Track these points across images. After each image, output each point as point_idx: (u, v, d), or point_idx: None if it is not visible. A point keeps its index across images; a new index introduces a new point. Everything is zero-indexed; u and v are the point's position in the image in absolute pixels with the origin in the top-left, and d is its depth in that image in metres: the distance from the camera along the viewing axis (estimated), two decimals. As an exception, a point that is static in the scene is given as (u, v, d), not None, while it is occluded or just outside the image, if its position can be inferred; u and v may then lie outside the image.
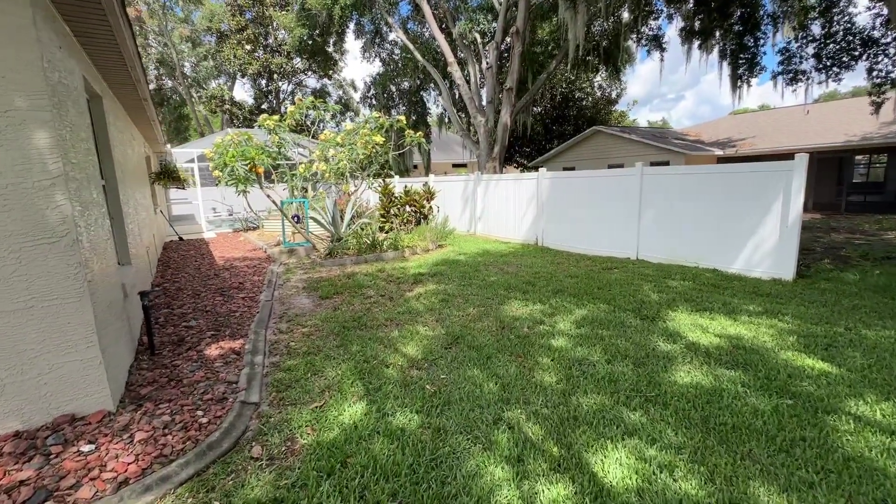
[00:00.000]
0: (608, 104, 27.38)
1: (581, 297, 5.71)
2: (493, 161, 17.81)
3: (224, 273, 7.47)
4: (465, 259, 8.73)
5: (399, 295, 6.08)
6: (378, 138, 10.99)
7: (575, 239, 9.57)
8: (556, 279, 6.84)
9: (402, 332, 4.52)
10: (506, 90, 17.23)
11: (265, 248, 9.77)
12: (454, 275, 7.28)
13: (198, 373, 3.48)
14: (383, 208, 11.36)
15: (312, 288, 6.59)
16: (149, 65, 26.47)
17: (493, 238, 11.81)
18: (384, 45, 24.89)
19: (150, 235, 7.59)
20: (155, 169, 11.23)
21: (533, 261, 8.47)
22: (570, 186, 9.63)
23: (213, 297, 5.75)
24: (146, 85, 5.33)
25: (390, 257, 9.03)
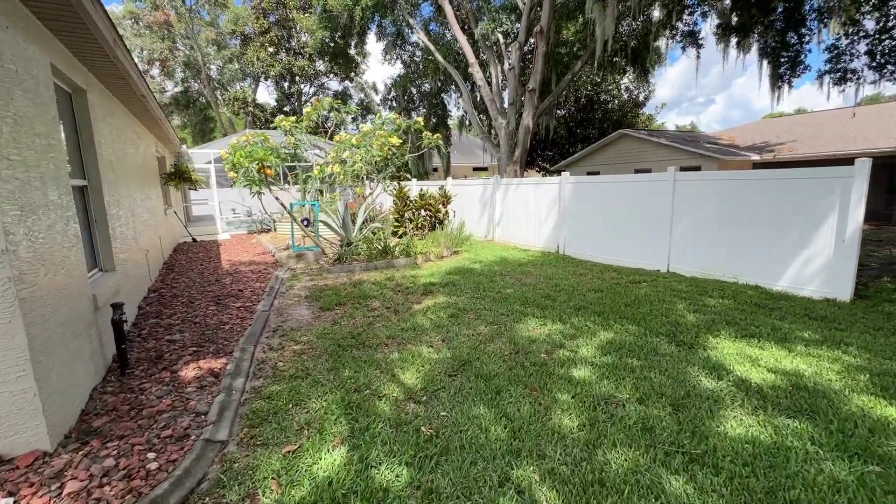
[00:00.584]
0: (635, 107, 26.43)
1: (606, 316, 5.11)
2: (513, 164, 17.23)
3: (226, 278, 7.14)
4: (480, 268, 8.20)
5: (405, 308, 5.60)
6: (394, 140, 10.61)
7: (599, 248, 8.92)
8: (578, 293, 6.24)
9: (402, 354, 4.03)
10: (528, 91, 16.64)
11: (274, 252, 9.46)
12: (467, 285, 6.76)
13: (165, 400, 3.06)
14: (397, 212, 10.94)
15: (315, 297, 6.17)
16: (175, 67, 26.96)
17: (512, 245, 11.24)
18: (405, 48, 24.64)
19: (153, 237, 7.34)
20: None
21: (553, 271, 7.88)
22: (595, 192, 9.00)
23: (206, 307, 5.38)
24: (141, 80, 5.02)
25: (402, 264, 8.57)
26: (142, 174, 7.14)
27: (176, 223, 11.57)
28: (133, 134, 6.81)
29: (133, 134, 6.81)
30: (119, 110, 5.80)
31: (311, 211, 10.15)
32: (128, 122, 6.38)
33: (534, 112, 16.92)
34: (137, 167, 6.78)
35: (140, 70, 4.84)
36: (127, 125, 6.26)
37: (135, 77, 4.63)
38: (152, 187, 8.24)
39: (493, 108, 17.82)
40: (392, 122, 11.33)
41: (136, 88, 5.05)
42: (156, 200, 8.54)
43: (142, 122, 7.71)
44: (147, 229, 6.84)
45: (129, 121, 6.57)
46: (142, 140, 7.63)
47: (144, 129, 8.15)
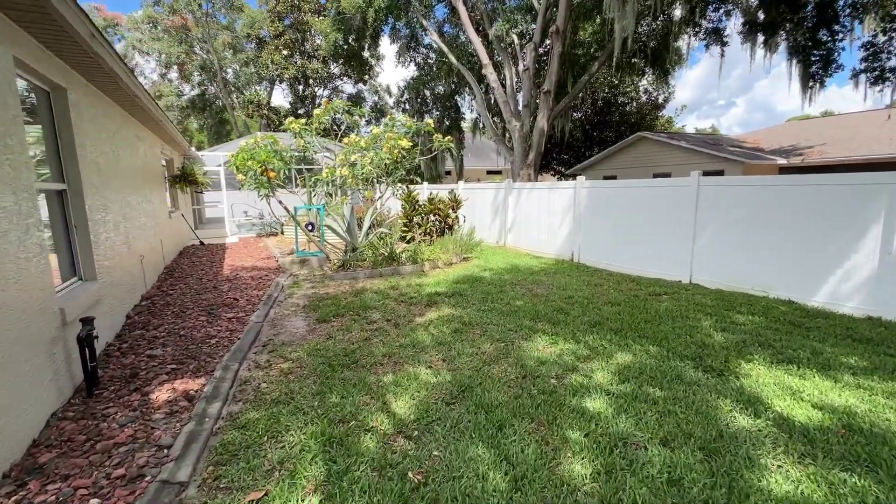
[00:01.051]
0: (654, 109, 25.72)
1: (624, 334, 4.67)
2: (527, 168, 16.80)
3: (224, 285, 6.89)
4: (489, 276, 7.80)
5: (407, 321, 5.24)
6: (404, 142, 10.32)
7: (616, 256, 8.45)
8: (593, 307, 5.80)
9: (398, 377, 3.66)
10: (543, 93, 16.21)
11: (278, 257, 9.21)
12: (475, 296, 6.38)
13: (127, 429, 2.76)
14: (405, 217, 10.62)
15: (313, 307, 5.86)
16: (192, 71, 27.23)
17: (524, 251, 10.81)
18: (419, 50, 24.43)
19: (153, 242, 7.13)
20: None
21: (567, 281, 7.44)
22: (613, 197, 8.53)
23: (197, 317, 5.10)
24: (132, 79, 4.78)
25: (408, 271, 8.23)
26: (141, 177, 6.95)
27: (183, 226, 11.44)
28: (132, 136, 6.62)
29: (132, 136, 6.62)
30: (114, 111, 5.59)
31: (316, 215, 9.89)
32: (125, 124, 6.18)
33: (549, 114, 16.47)
34: (135, 170, 6.58)
35: (129, 68, 4.60)
36: (124, 127, 6.06)
37: (122, 75, 4.39)
38: (154, 190, 8.07)
39: (506, 110, 17.43)
40: (402, 125, 11.05)
41: (127, 88, 4.82)
42: (159, 204, 8.38)
43: (144, 124, 7.54)
44: (144, 234, 6.63)
45: (127, 122, 6.38)
46: (143, 142, 7.45)
47: (147, 131, 7.98)
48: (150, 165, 8.02)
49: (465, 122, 26.00)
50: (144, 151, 7.57)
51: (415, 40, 24.13)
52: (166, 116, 7.44)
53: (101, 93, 5.07)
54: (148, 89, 28.49)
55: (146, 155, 7.71)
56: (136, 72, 26.32)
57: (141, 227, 6.43)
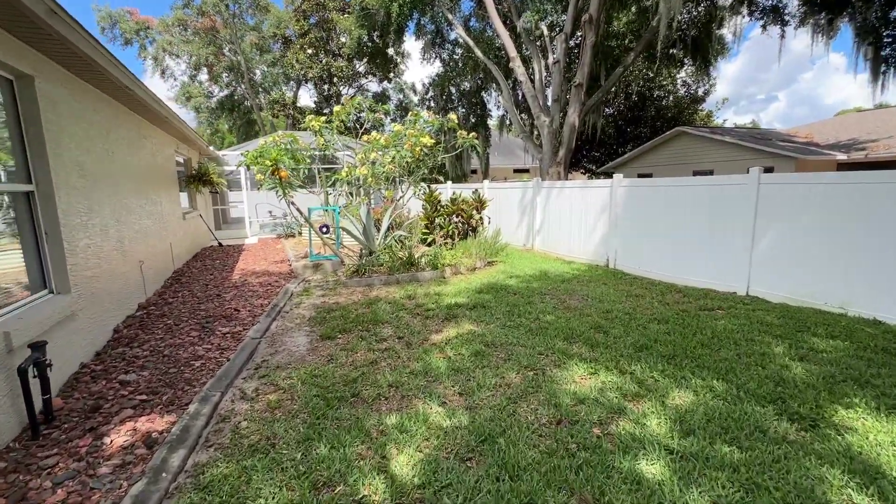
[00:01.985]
0: (693, 103, 24.24)
1: (679, 363, 3.89)
2: (557, 166, 15.91)
3: (229, 293, 6.43)
4: (515, 284, 7.09)
5: (421, 339, 4.60)
6: (426, 140, 9.73)
7: (657, 262, 7.57)
8: (636, 323, 5.02)
9: (403, 417, 3.02)
10: (574, 87, 15.29)
11: (291, 261, 8.76)
12: (499, 308, 5.68)
13: (61, 490, 2.22)
14: (426, 218, 10.00)
15: (320, 320, 5.30)
16: (221, 72, 27.48)
17: (554, 255, 10.02)
18: (444, 46, 23.82)
19: (159, 245, 6.75)
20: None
21: (603, 290, 6.65)
22: (655, 196, 7.65)
23: (189, 332, 4.61)
24: (117, 67, 4.32)
25: (427, 278, 7.60)
26: (144, 177, 6.58)
27: (201, 228, 11.19)
28: (135, 134, 6.24)
29: (135, 134, 6.24)
30: (107, 107, 5.17)
31: (332, 217, 9.40)
32: (124, 122, 5.79)
33: (580, 109, 15.54)
34: (137, 170, 6.20)
35: (114, 56, 4.13)
36: (122, 124, 5.67)
37: (101, 62, 3.92)
38: (164, 191, 7.73)
39: (535, 105, 16.56)
40: (425, 121, 10.48)
41: (113, 78, 4.36)
42: (169, 205, 8.05)
43: (152, 122, 7.19)
44: (146, 237, 6.25)
45: (128, 120, 5.99)
46: (150, 141, 7.09)
47: (157, 130, 7.64)
48: (160, 165, 7.68)
49: (491, 120, 25.23)
50: (152, 151, 7.22)
51: (440, 36, 23.54)
52: (174, 114, 7.06)
53: (90, 86, 4.65)
54: (178, 91, 29.19)
55: (155, 154, 7.37)
56: (166, 73, 26.82)
57: (141, 231, 6.04)
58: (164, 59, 26.40)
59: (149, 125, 7.11)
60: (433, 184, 16.13)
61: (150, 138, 7.08)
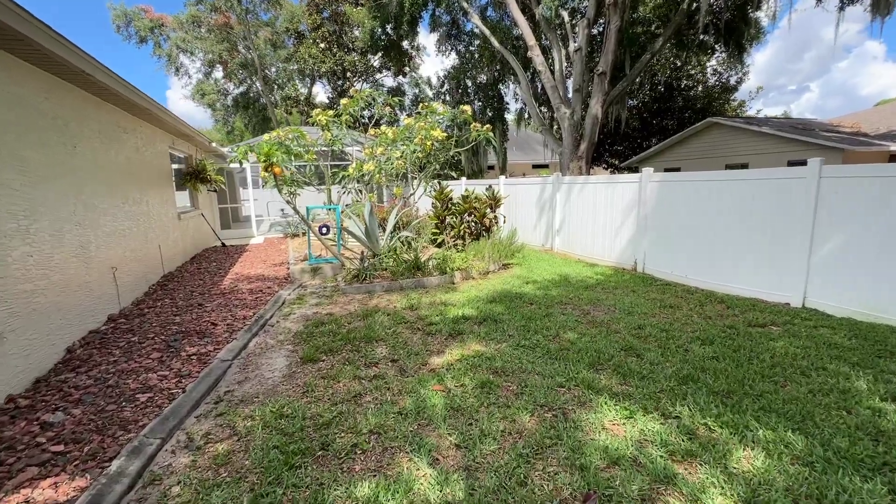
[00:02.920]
0: (724, 92, 22.84)
1: (737, 402, 3.08)
2: (578, 160, 14.98)
3: (213, 301, 5.84)
4: (532, 291, 6.32)
5: (418, 364, 3.89)
6: (437, 133, 9.03)
7: (693, 267, 6.69)
8: (675, 344, 4.21)
9: (379, 485, 2.31)
10: (598, 75, 14.32)
11: (291, 263, 8.16)
12: (512, 322, 4.94)
13: None
14: (436, 217, 9.28)
15: (306, 336, 4.64)
16: (234, 69, 27.24)
17: (575, 257, 9.18)
18: (460, 37, 23.02)
19: (136, 250, 6.21)
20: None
21: (632, 300, 5.83)
22: (691, 192, 6.76)
23: (149, 354, 4.00)
24: (63, 45, 3.71)
25: (434, 284, 6.89)
26: (123, 175, 6.03)
27: (203, 227, 10.73)
28: (108, 126, 5.68)
29: (108, 126, 5.68)
30: (65, 94, 4.59)
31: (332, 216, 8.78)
32: (91, 112, 5.22)
33: (603, 99, 14.56)
34: (112, 166, 5.65)
35: (55, 31, 3.52)
36: (88, 114, 5.10)
37: (37, 38, 3.30)
38: (152, 190, 7.21)
39: (555, 96, 15.62)
40: (435, 113, 9.77)
41: (58, 58, 3.74)
42: (160, 204, 7.54)
43: (136, 114, 6.64)
44: (124, 241, 5.70)
45: (97, 110, 5.43)
46: (133, 135, 6.55)
47: (142, 123, 7.10)
48: (147, 162, 7.16)
49: (509, 114, 24.31)
50: (137, 146, 6.69)
51: (456, 27, 22.75)
52: (159, 106, 6.51)
53: (40, 69, 4.07)
54: (192, 89, 29.06)
55: (140, 150, 6.84)
56: (180, 71, 26.71)
57: (116, 234, 5.49)
58: (178, 56, 26.29)
59: (131, 118, 6.57)
60: (445, 180, 15.41)
61: (133, 132, 6.55)
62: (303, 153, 8.20)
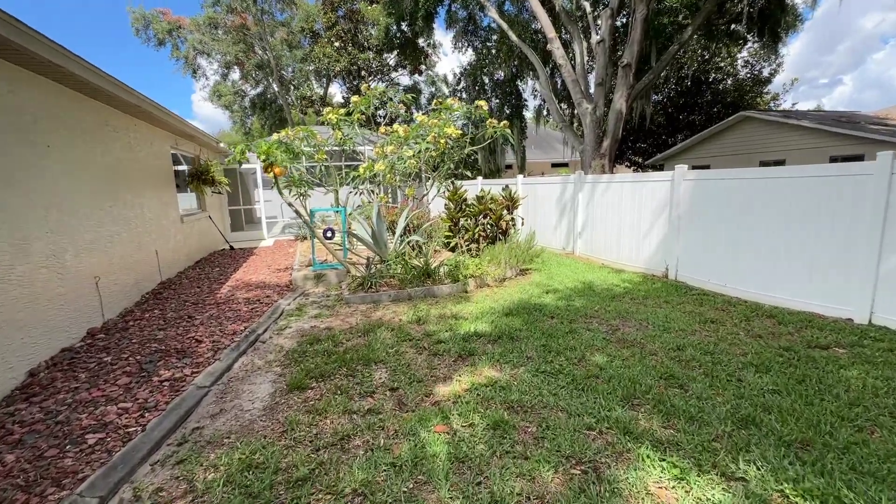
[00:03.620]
0: (756, 85, 21.63)
1: (819, 459, 2.43)
2: (601, 158, 14.21)
3: (205, 312, 5.40)
4: (553, 302, 5.70)
5: (421, 394, 3.34)
6: (451, 130, 8.49)
7: (735, 274, 5.96)
8: (725, 372, 3.55)
9: (356, 579, 1.77)
10: (622, 67, 13.53)
11: (295, 269, 7.71)
12: (531, 339, 4.35)
13: None
14: (449, 219, 8.72)
15: (299, 356, 4.14)
16: (251, 70, 27.21)
17: (599, 262, 8.51)
18: (477, 33, 22.41)
19: (125, 258, 5.82)
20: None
21: (667, 313, 5.17)
22: (732, 191, 6.03)
23: (117, 378, 3.54)
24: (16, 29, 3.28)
25: (445, 293, 6.33)
26: (112, 176, 5.66)
27: (210, 230, 10.41)
28: (93, 124, 5.30)
29: (93, 124, 5.30)
30: (32, 88, 4.18)
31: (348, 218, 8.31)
32: (71, 108, 4.83)
33: (628, 93, 13.76)
34: (97, 167, 5.26)
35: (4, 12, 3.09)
36: (66, 111, 4.70)
37: None
38: (149, 191, 6.85)
39: (576, 91, 14.87)
40: (448, 110, 9.24)
41: (15, 45, 3.32)
42: (158, 207, 7.19)
43: (133, 113, 6.28)
44: (110, 247, 5.31)
45: (79, 106, 5.04)
46: (123, 133, 6.18)
47: (136, 121, 6.73)
48: (143, 162, 6.80)
49: (527, 111, 23.57)
50: (130, 145, 6.32)
51: (472, 22, 22.15)
52: (154, 104, 6.12)
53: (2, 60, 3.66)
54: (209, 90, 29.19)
55: (134, 150, 6.47)
56: (197, 73, 26.81)
57: (101, 240, 5.10)
58: (195, 58, 26.38)
59: (124, 117, 6.20)
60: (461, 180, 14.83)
61: (125, 131, 6.17)
62: (310, 153, 7.75)
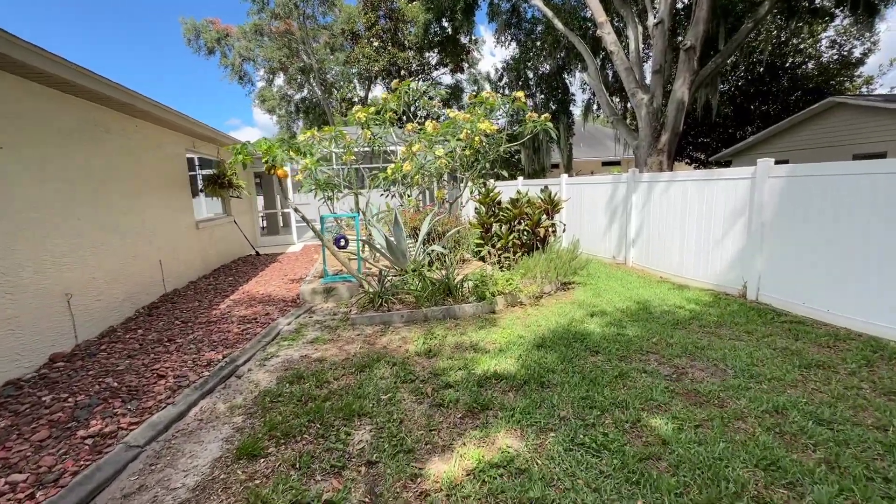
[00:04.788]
0: (844, 68, 18.89)
1: None
2: (658, 155, 12.65)
3: (190, 334, 4.75)
4: (599, 330, 4.59)
5: (406, 475, 2.41)
6: (485, 126, 7.54)
7: (844, 297, 4.57)
8: (857, 459, 2.34)
9: None
10: (684, 51, 11.95)
11: (307, 280, 7.02)
12: (567, 389, 3.30)
13: None
14: (480, 224, 7.73)
15: (268, 402, 3.33)
16: (295, 75, 27.49)
17: (656, 275, 7.21)
18: (521, 25, 21.19)
19: (112, 270, 5.31)
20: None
21: (752, 351, 3.93)
22: (844, 191, 4.63)
23: (34, 432, 2.87)
24: None
25: (468, 313, 5.36)
26: (105, 180, 5.17)
27: (233, 235, 10.05)
28: (78, 125, 4.81)
29: (78, 125, 4.81)
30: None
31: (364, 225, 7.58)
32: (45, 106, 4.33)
33: (691, 80, 12.13)
34: (82, 171, 4.77)
35: None
36: (38, 109, 4.20)
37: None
38: (156, 196, 6.41)
39: (629, 80, 13.35)
40: (482, 103, 8.28)
41: None
42: (167, 213, 6.75)
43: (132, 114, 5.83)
44: (92, 259, 4.79)
45: (58, 105, 4.55)
46: (119, 136, 5.71)
47: (141, 122, 6.29)
48: (147, 165, 6.35)
49: (574, 106, 22.02)
50: (129, 148, 5.86)
51: (516, 14, 20.97)
52: (150, 101, 5.62)
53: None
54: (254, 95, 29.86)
55: (134, 152, 6.02)
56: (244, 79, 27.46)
57: (79, 251, 4.58)
58: (241, 65, 27.01)
59: (121, 117, 5.74)
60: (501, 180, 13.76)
61: (122, 133, 5.70)
62: (338, 154, 7.07)
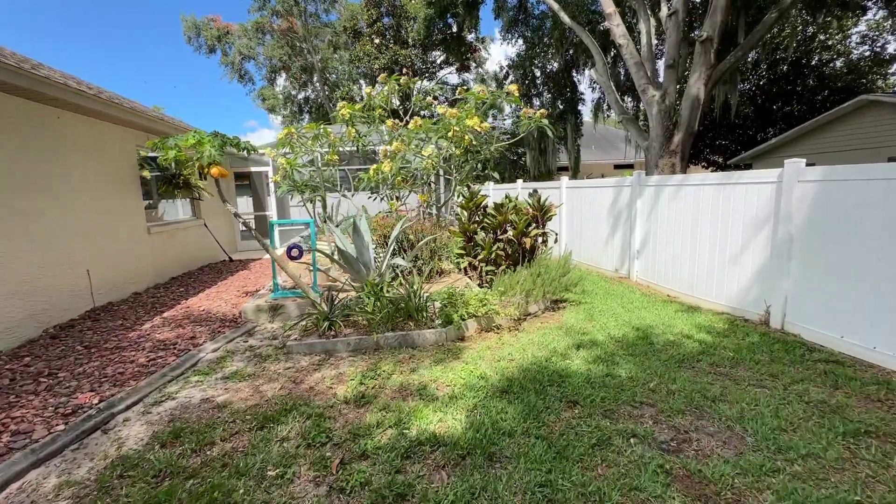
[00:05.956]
0: (877, 66, 17.53)
1: None
2: (670, 156, 11.59)
3: (81, 366, 3.93)
4: (583, 367, 3.63)
5: None
6: (474, 122, 6.73)
7: (889, 331, 3.55)
8: None
9: None
10: (700, 43, 10.88)
11: (259, 293, 6.16)
12: (522, 465, 2.36)
13: None
14: (461, 233, 6.81)
15: (119, 475, 2.47)
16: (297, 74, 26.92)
17: (663, 293, 6.22)
18: (528, 22, 20.26)
19: (7, 281, 4.54)
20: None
21: (777, 405, 2.96)
22: (888, 197, 3.62)
23: None
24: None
25: (430, 341, 4.45)
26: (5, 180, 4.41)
27: (199, 240, 9.29)
28: None
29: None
30: None
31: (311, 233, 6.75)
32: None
33: (707, 75, 11.04)
34: None
35: None
36: None
37: None
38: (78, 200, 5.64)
39: (640, 76, 12.29)
40: (472, 97, 7.53)
41: None
42: (106, 218, 6.00)
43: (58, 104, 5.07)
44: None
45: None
46: (39, 129, 4.95)
47: (69, 113, 5.53)
48: (75, 164, 5.58)
49: (583, 106, 20.96)
50: (53, 144, 5.10)
51: (523, 10, 20.05)
52: (78, 90, 4.84)
53: None
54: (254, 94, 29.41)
55: (59, 150, 5.26)
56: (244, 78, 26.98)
57: None
58: (241, 63, 26.55)
59: (38, 107, 4.98)
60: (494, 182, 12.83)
61: (41, 126, 4.94)
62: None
